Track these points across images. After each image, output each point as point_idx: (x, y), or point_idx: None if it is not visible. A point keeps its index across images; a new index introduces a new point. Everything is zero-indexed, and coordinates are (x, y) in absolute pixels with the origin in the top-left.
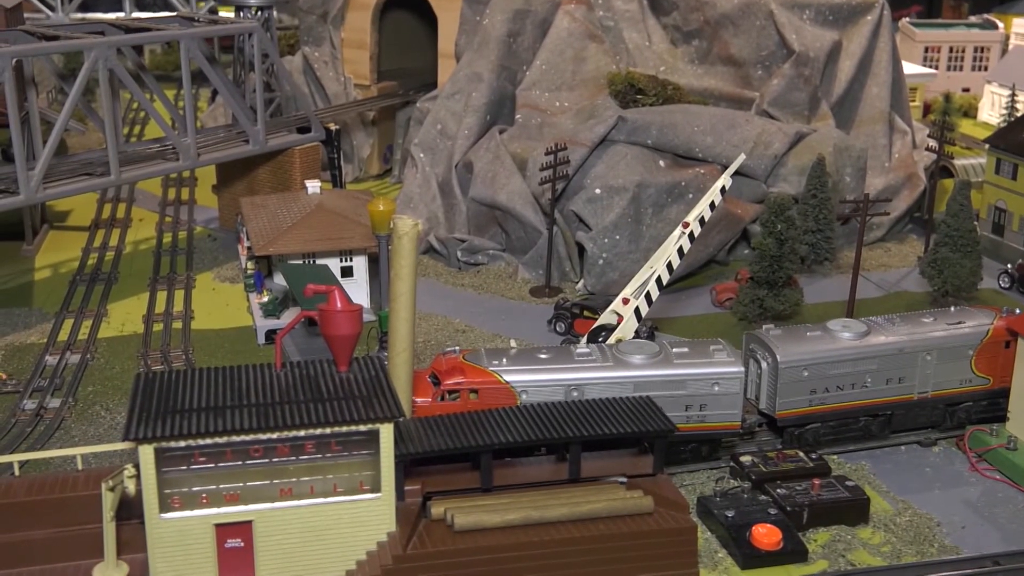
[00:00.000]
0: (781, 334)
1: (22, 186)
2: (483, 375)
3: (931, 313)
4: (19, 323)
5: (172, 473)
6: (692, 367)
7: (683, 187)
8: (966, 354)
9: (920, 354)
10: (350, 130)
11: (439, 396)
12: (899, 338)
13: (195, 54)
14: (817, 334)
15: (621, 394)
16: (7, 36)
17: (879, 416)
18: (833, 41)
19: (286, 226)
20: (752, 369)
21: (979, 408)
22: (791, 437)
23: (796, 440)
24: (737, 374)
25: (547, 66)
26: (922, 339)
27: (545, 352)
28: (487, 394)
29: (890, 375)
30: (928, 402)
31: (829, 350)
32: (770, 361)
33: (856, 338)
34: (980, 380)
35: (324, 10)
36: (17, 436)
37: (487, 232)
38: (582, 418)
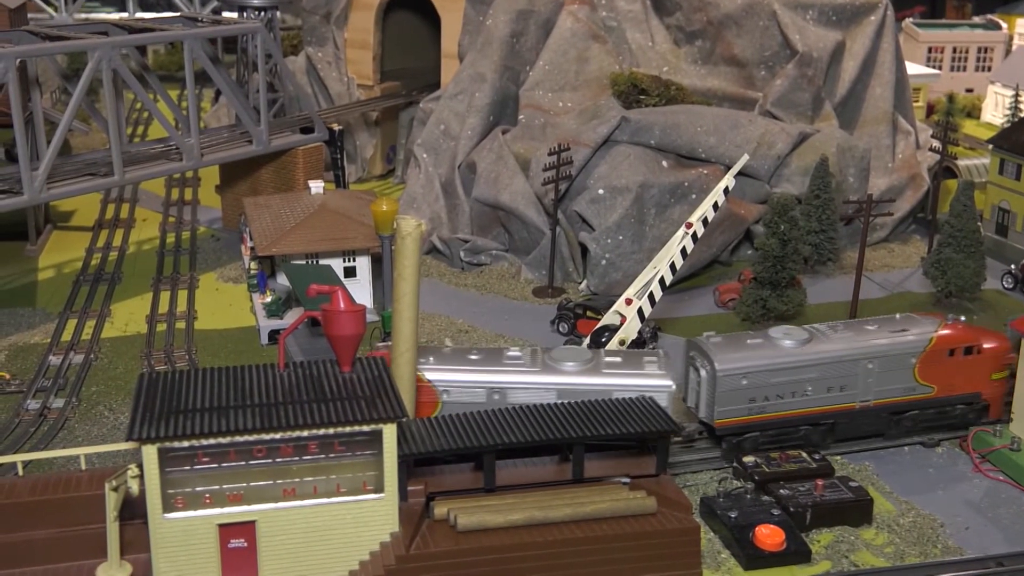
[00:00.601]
0: (721, 342)
1: (26, 186)
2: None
3: (875, 320)
4: (23, 323)
5: (175, 473)
6: (619, 378)
7: (686, 187)
8: (909, 363)
9: (861, 362)
10: (353, 130)
11: None
12: (840, 346)
13: (199, 54)
14: (758, 342)
15: (544, 400)
16: (11, 36)
17: (820, 425)
18: (836, 41)
19: (289, 226)
20: (692, 377)
21: (925, 417)
22: (730, 446)
23: (735, 449)
24: (664, 388)
25: (550, 66)
26: (864, 347)
27: (476, 353)
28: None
29: (831, 384)
30: (871, 411)
31: (768, 358)
32: (708, 369)
33: (797, 346)
34: (924, 389)
35: (327, 10)
36: (21, 436)
37: (490, 232)
38: (585, 419)
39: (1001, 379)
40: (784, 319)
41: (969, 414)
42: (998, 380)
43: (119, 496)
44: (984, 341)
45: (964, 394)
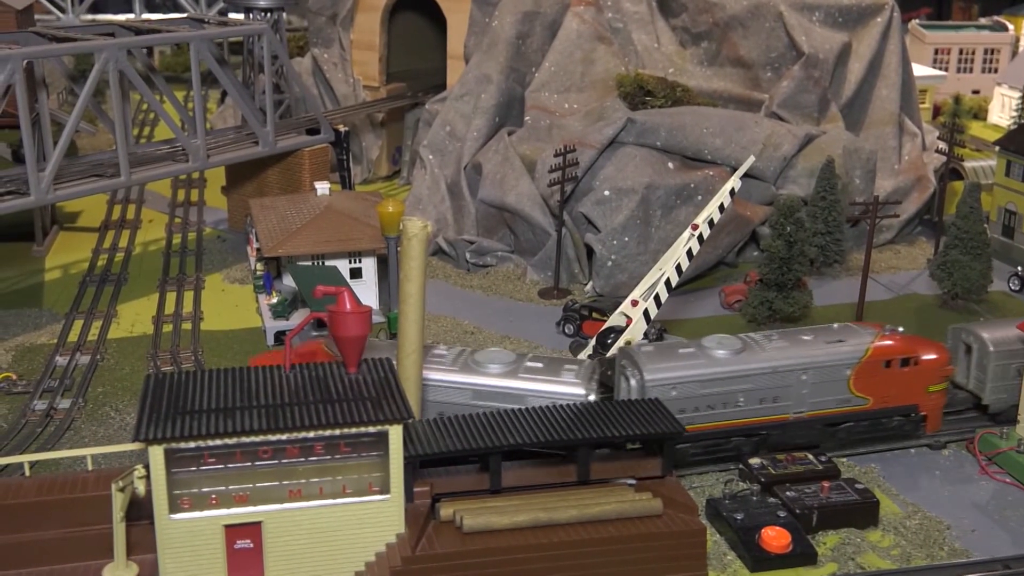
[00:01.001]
0: (652, 351)
1: (33, 187)
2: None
3: (812, 330)
4: (29, 324)
5: (182, 474)
6: (534, 383)
7: (692, 189)
8: (843, 374)
9: (795, 374)
10: (359, 131)
11: None
12: (773, 357)
13: (205, 56)
14: (690, 351)
15: (459, 399)
16: (18, 38)
17: (752, 436)
18: (843, 43)
19: (295, 227)
20: (623, 386)
21: (860, 429)
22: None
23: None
24: (577, 396)
25: (556, 68)
26: (797, 359)
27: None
28: None
29: (763, 395)
30: (804, 422)
31: (699, 369)
32: (638, 379)
33: (729, 357)
34: (859, 400)
35: (333, 12)
36: (27, 436)
37: (496, 234)
38: (591, 420)
39: (939, 391)
40: (790, 321)
41: (906, 426)
42: (936, 392)
43: (126, 497)
44: (922, 353)
45: (900, 406)
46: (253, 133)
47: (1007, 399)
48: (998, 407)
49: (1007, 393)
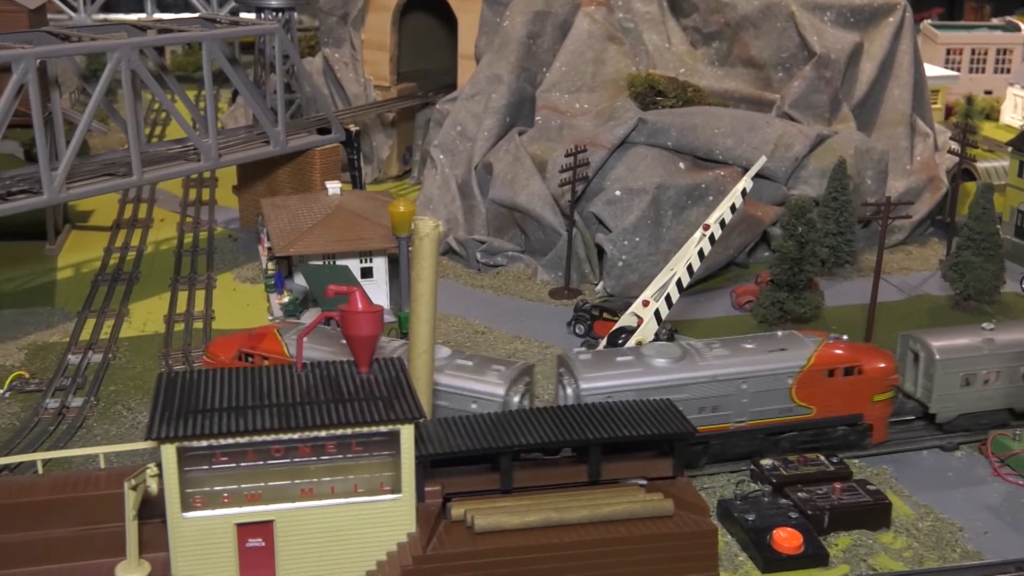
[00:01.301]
0: (589, 359)
1: (45, 186)
2: (275, 346)
3: (755, 338)
4: (42, 322)
5: (194, 472)
6: (457, 380)
7: (703, 189)
8: (784, 383)
9: (735, 383)
10: (370, 131)
11: (237, 356)
12: (712, 366)
13: (217, 55)
14: (628, 359)
15: None
16: (31, 37)
17: (693, 446)
18: (854, 43)
19: (306, 227)
20: (560, 394)
21: (804, 439)
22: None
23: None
24: (495, 397)
25: (567, 68)
26: (736, 367)
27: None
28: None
29: (703, 404)
30: (745, 432)
31: (636, 377)
32: (574, 387)
33: (668, 365)
34: (801, 410)
35: (344, 12)
36: (40, 434)
37: (506, 234)
38: (602, 420)
39: (885, 401)
40: (801, 321)
41: (851, 436)
42: (882, 402)
43: (138, 495)
44: (866, 362)
45: (844, 416)
46: (264, 133)
47: (954, 408)
48: (945, 417)
49: (954, 402)
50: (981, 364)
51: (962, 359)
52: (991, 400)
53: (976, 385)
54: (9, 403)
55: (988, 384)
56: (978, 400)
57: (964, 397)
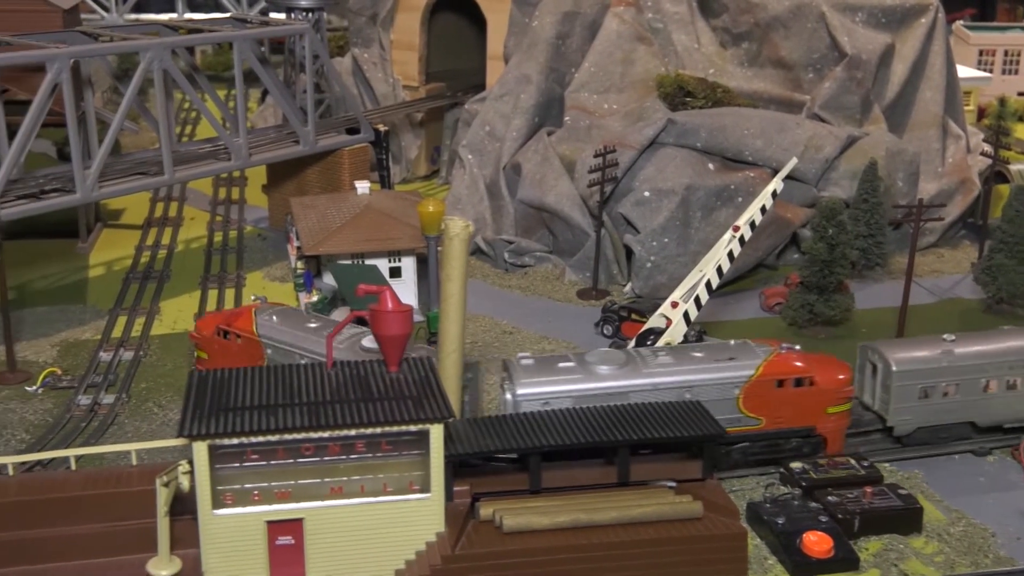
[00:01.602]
0: (531, 364)
1: (78, 185)
2: (247, 324)
3: (707, 347)
4: (74, 320)
5: (225, 470)
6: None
7: (732, 190)
8: (731, 393)
9: (677, 391)
10: (398, 131)
11: (216, 332)
12: (655, 374)
13: (248, 55)
14: (570, 365)
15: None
16: (65, 37)
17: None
18: (886, 44)
19: (335, 226)
20: (501, 399)
21: (755, 450)
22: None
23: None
24: None
25: (596, 68)
26: (680, 376)
27: (314, 322)
28: (246, 342)
29: None
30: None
31: (575, 384)
32: (512, 393)
33: (609, 372)
34: (750, 421)
35: (374, 12)
36: (72, 431)
37: (534, 234)
38: (631, 421)
39: (840, 413)
40: (831, 324)
41: (804, 448)
42: (836, 414)
43: (170, 492)
44: (818, 373)
45: (795, 428)
46: (294, 132)
47: (912, 421)
48: (902, 429)
49: (911, 415)
50: (940, 376)
51: (920, 371)
52: (951, 413)
53: (935, 398)
54: (42, 399)
55: (948, 397)
56: (937, 413)
57: (922, 410)
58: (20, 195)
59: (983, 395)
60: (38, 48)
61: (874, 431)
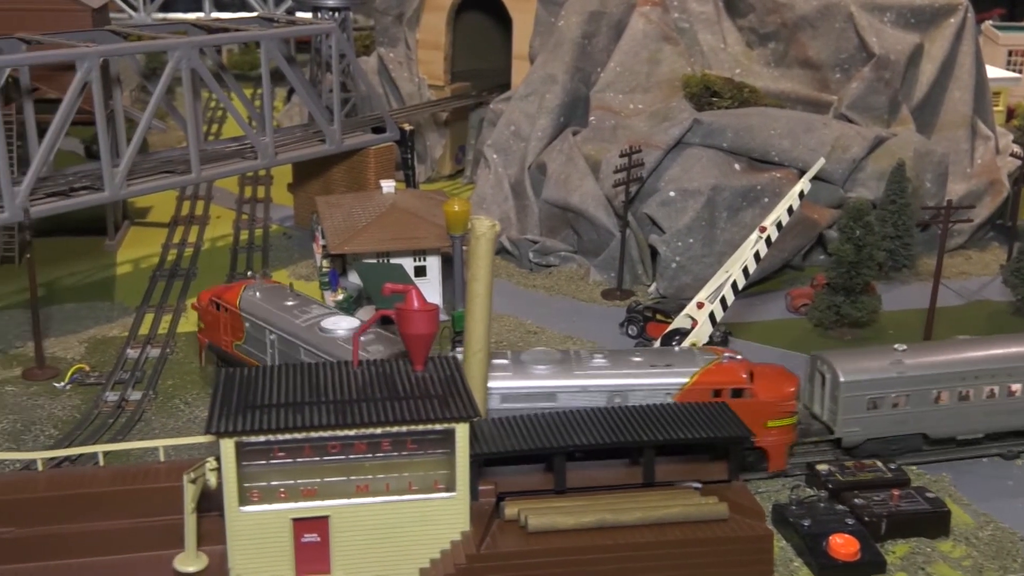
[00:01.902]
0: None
1: (107, 183)
2: (233, 298)
3: (650, 351)
4: (102, 317)
5: (252, 467)
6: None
7: (759, 191)
8: (664, 400)
9: (607, 395)
10: (423, 130)
11: (209, 302)
12: (587, 376)
13: (275, 55)
14: (503, 363)
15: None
16: (94, 36)
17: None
18: (914, 44)
19: (361, 225)
20: None
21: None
22: None
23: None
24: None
25: (621, 68)
26: (611, 380)
27: (292, 299)
28: (231, 315)
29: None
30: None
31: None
32: None
33: (540, 372)
34: None
35: (400, 11)
36: (100, 427)
37: (559, 234)
38: (657, 422)
39: (782, 427)
40: (858, 326)
41: (747, 458)
42: (777, 428)
43: (197, 488)
44: (758, 385)
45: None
46: (320, 131)
47: (860, 433)
48: (851, 441)
49: (860, 427)
50: (889, 387)
51: (868, 382)
52: (901, 424)
53: (884, 409)
54: (70, 395)
55: (898, 408)
56: (887, 424)
57: (871, 421)
58: (50, 192)
59: (935, 406)
60: (68, 47)
61: (821, 442)
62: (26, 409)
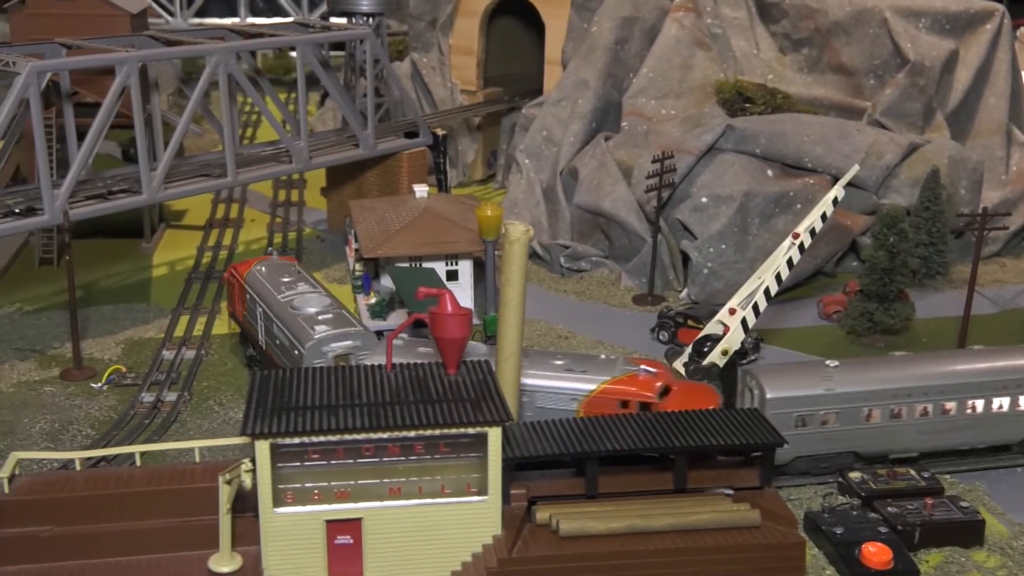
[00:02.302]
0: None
1: (145, 186)
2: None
3: (571, 356)
4: (138, 318)
5: (286, 469)
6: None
7: (791, 197)
8: (571, 406)
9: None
10: (455, 135)
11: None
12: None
13: (311, 60)
14: (426, 351)
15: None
16: (134, 41)
17: None
18: (950, 50)
19: (394, 229)
20: None
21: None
22: None
23: None
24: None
25: (654, 73)
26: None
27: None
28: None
29: None
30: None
31: None
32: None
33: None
34: None
35: (433, 17)
36: (136, 427)
37: (590, 239)
38: (689, 428)
39: None
40: (891, 333)
41: None
42: None
43: (232, 489)
44: (672, 400)
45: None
46: (354, 135)
47: (788, 450)
48: (778, 459)
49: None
50: (818, 405)
51: (796, 399)
52: (831, 443)
53: (813, 426)
54: (107, 396)
55: (827, 426)
56: (816, 442)
57: (799, 439)
58: (88, 195)
59: (865, 425)
60: (108, 52)
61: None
62: (64, 409)
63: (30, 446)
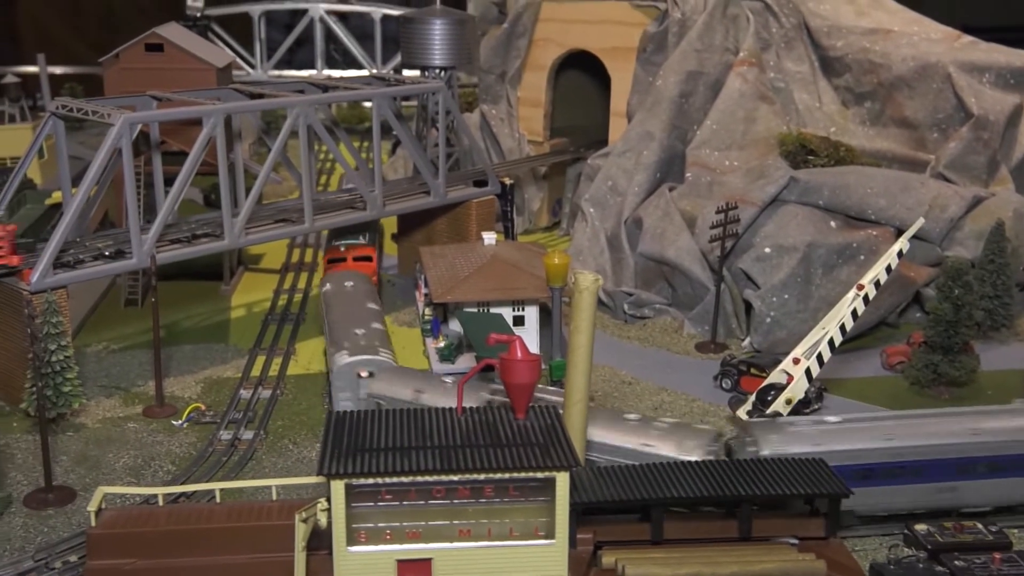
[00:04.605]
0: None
1: (227, 232)
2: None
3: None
4: (217, 358)
5: (360, 509)
6: None
7: (855, 248)
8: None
9: None
10: (522, 184)
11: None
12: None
13: (386, 112)
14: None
15: None
16: (220, 94)
17: None
18: (1014, 104)
19: (463, 275)
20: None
21: None
22: None
23: None
24: None
25: (718, 126)
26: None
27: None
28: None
29: None
30: None
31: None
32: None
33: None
34: None
35: (503, 70)
36: (214, 464)
37: (654, 287)
38: (754, 476)
39: None
40: (956, 385)
41: None
42: None
43: (308, 527)
44: None
45: None
46: (425, 184)
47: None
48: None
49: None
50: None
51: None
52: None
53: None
54: (186, 433)
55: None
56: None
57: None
58: (173, 239)
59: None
60: (197, 104)
61: None
62: (146, 445)
63: (114, 480)
